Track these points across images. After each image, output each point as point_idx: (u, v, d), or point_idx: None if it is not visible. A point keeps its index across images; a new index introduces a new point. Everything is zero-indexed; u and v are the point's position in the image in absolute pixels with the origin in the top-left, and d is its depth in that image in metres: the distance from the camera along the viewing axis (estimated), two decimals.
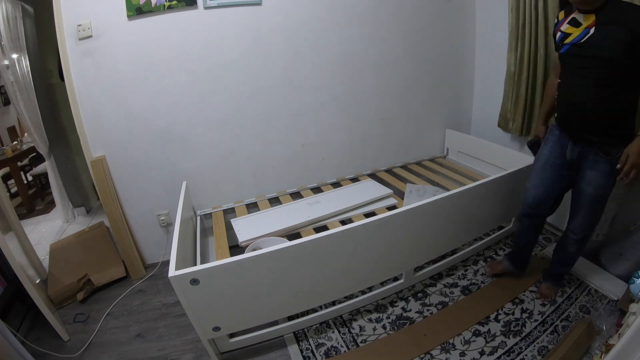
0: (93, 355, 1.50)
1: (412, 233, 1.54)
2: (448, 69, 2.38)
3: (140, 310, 1.76)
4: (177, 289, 1.13)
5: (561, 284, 1.65)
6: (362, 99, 2.18)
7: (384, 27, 2.09)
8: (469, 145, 2.35)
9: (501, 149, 2.11)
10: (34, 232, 2.73)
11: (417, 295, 1.69)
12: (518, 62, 1.99)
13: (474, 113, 2.58)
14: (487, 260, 1.90)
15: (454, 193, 1.58)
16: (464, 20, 2.31)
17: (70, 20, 1.57)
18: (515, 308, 1.56)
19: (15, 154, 3.24)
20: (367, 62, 2.12)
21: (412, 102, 2.34)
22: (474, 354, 1.35)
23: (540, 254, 1.89)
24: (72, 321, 1.71)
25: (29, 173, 3.71)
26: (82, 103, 1.69)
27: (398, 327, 1.51)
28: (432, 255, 1.74)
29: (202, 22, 1.73)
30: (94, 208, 3.11)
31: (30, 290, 1.47)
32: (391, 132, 2.34)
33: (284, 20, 1.87)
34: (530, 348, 1.36)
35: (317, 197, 2.00)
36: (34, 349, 1.45)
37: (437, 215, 1.58)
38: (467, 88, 2.50)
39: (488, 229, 1.95)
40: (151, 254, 2.10)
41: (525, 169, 1.79)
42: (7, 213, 1.83)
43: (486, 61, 2.36)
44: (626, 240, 1.62)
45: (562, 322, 1.47)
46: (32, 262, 1.96)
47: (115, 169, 1.84)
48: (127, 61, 1.68)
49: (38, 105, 2.52)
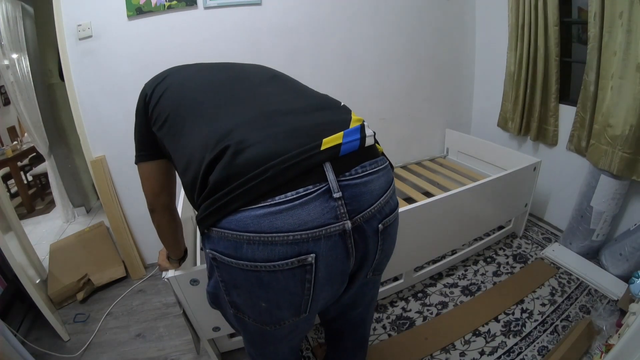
0: (93, 355, 1.50)
1: (412, 233, 1.54)
2: (448, 69, 2.38)
3: (140, 310, 1.76)
4: (177, 290, 1.13)
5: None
6: (362, 99, 2.18)
7: (384, 27, 2.09)
8: (469, 145, 2.35)
9: (501, 149, 2.11)
10: (34, 232, 2.73)
11: (417, 295, 1.69)
12: (518, 61, 1.99)
13: (473, 113, 2.58)
14: (487, 260, 1.90)
15: (454, 193, 1.58)
16: (464, 20, 2.31)
17: (70, 20, 1.57)
18: (515, 308, 1.56)
19: (15, 154, 3.24)
20: (367, 62, 2.12)
21: (412, 102, 2.34)
22: (474, 354, 1.35)
23: (540, 254, 1.90)
24: (72, 321, 1.71)
25: (29, 173, 3.70)
26: (82, 103, 1.69)
27: (398, 327, 1.51)
28: (432, 255, 1.74)
29: (202, 22, 1.73)
30: (94, 208, 3.11)
31: (30, 290, 1.47)
32: (391, 132, 2.34)
33: (284, 20, 1.87)
34: (530, 348, 1.36)
35: None
36: (34, 349, 1.45)
37: (437, 215, 1.58)
38: (467, 88, 2.50)
39: (488, 229, 1.95)
40: (151, 254, 2.10)
41: (525, 169, 1.79)
42: (7, 213, 1.83)
43: (486, 61, 2.36)
44: (626, 240, 1.62)
45: (562, 322, 1.47)
46: (32, 262, 1.96)
47: (115, 169, 1.84)
48: (127, 61, 1.68)
49: (38, 105, 2.51)
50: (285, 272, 0.59)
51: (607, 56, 1.53)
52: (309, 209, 0.56)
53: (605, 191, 1.64)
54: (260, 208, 0.57)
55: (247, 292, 0.63)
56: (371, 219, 0.63)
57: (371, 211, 0.62)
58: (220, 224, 0.59)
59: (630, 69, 1.44)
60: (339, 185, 0.58)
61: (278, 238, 0.56)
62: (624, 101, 1.48)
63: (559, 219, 2.07)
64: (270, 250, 0.57)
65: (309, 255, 0.58)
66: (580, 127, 1.78)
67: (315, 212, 0.57)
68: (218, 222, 0.60)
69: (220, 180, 0.58)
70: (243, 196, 0.57)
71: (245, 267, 0.59)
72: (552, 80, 1.86)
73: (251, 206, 0.57)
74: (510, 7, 1.96)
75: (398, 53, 2.18)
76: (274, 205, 0.56)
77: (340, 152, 0.61)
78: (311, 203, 0.57)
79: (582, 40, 1.84)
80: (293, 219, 0.56)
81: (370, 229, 0.63)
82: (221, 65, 0.88)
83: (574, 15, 1.84)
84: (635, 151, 1.49)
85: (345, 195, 0.58)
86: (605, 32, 1.51)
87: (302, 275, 0.60)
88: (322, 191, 0.57)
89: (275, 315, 0.66)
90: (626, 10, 1.40)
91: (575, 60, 1.89)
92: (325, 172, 0.58)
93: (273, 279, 0.60)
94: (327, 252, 0.59)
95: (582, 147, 1.77)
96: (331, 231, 0.58)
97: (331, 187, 0.58)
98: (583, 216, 1.76)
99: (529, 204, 1.95)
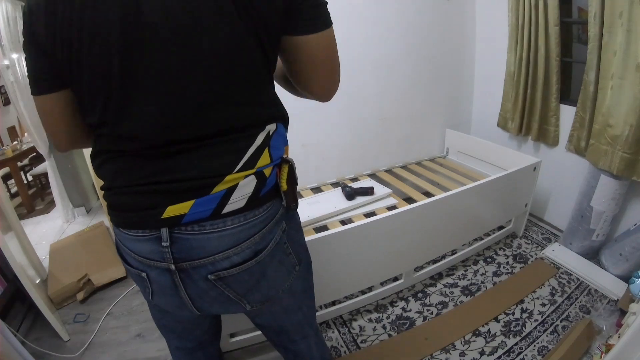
0: (93, 355, 1.50)
1: (412, 233, 1.54)
2: (448, 68, 2.38)
3: (140, 310, 1.76)
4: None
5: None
6: (362, 99, 2.18)
7: (383, 26, 2.09)
8: (469, 145, 2.35)
9: (501, 149, 2.11)
10: (34, 232, 2.73)
11: (417, 295, 1.69)
12: (518, 61, 1.99)
13: (473, 113, 2.58)
14: (487, 260, 1.90)
15: (454, 193, 1.57)
16: (463, 20, 2.30)
17: None
18: (515, 308, 1.56)
19: (15, 154, 3.24)
20: (367, 62, 2.12)
21: (412, 102, 2.34)
22: (474, 354, 1.35)
23: (540, 254, 1.89)
24: (72, 321, 1.71)
25: (29, 173, 3.71)
26: None
27: (398, 327, 1.51)
28: (432, 255, 1.74)
29: None
30: (94, 208, 3.11)
31: (30, 290, 1.47)
32: (391, 132, 2.34)
33: None
34: (530, 348, 1.36)
35: (316, 197, 1.99)
36: (34, 349, 1.45)
37: (437, 215, 1.58)
38: (467, 88, 2.50)
39: (488, 229, 1.95)
40: None
41: (525, 169, 1.79)
42: (7, 213, 1.83)
43: (486, 61, 2.36)
44: (626, 240, 1.62)
45: (562, 322, 1.47)
46: (32, 262, 1.96)
47: None
48: None
49: None
50: (133, 276, 0.70)
51: (607, 56, 1.53)
52: (143, 245, 0.62)
53: (605, 191, 1.64)
54: (121, 231, 0.65)
55: None
56: (200, 267, 0.62)
57: (200, 262, 0.62)
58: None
59: (630, 69, 1.44)
60: (169, 236, 0.60)
61: (128, 253, 0.66)
62: (624, 101, 1.48)
63: (559, 219, 2.07)
64: (128, 257, 0.68)
65: (142, 272, 0.66)
66: (580, 127, 1.78)
67: (146, 249, 0.62)
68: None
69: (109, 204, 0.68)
70: (113, 220, 0.67)
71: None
72: (553, 80, 1.86)
73: (119, 228, 0.66)
74: (510, 7, 1.96)
75: (398, 53, 2.18)
76: (127, 234, 0.64)
77: (183, 221, 0.59)
78: (145, 242, 0.62)
79: (582, 40, 1.84)
80: (134, 246, 0.64)
81: (197, 275, 0.63)
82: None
83: (574, 15, 1.84)
84: (635, 151, 1.49)
85: (174, 244, 0.60)
86: (605, 32, 1.51)
87: (143, 281, 0.68)
88: (154, 237, 0.61)
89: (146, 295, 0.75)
90: (626, 10, 1.39)
91: (576, 60, 1.89)
92: (161, 228, 0.61)
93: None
94: (156, 277, 0.65)
95: (582, 147, 1.77)
96: (158, 265, 0.63)
97: (162, 236, 0.60)
98: (583, 216, 1.76)
99: (529, 204, 1.95)
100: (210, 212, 0.59)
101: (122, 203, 0.63)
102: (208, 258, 0.61)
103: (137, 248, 0.64)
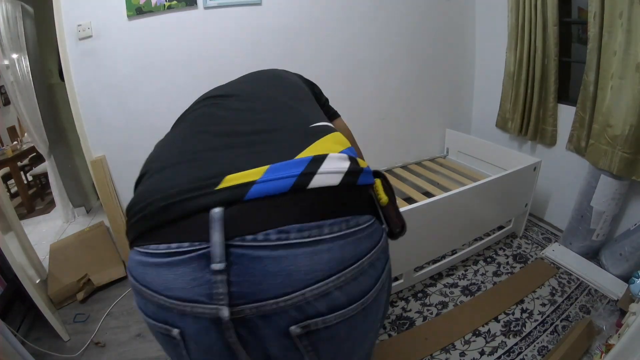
0: (93, 355, 1.50)
1: (412, 233, 1.53)
2: (448, 69, 2.38)
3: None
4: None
5: None
6: (362, 99, 2.18)
7: (384, 26, 2.09)
8: (469, 145, 2.35)
9: (501, 149, 2.11)
10: (34, 232, 2.72)
11: (417, 295, 1.69)
12: (517, 62, 1.99)
13: (473, 113, 2.58)
14: (487, 260, 1.90)
15: (454, 193, 1.57)
16: (463, 20, 2.31)
17: (70, 20, 1.57)
18: (515, 308, 1.56)
19: (15, 154, 3.24)
20: (367, 62, 2.12)
21: (412, 102, 2.34)
22: (474, 354, 1.35)
23: (540, 254, 1.89)
24: (72, 321, 1.71)
25: (29, 173, 3.70)
26: (82, 103, 1.69)
27: (398, 327, 1.51)
28: (432, 255, 1.74)
29: (202, 22, 1.73)
30: (94, 208, 3.11)
31: (30, 290, 1.47)
32: (391, 132, 2.34)
33: (284, 20, 1.86)
34: (530, 348, 1.36)
35: None
36: (34, 349, 1.45)
37: (437, 215, 1.58)
38: (467, 88, 2.50)
39: (488, 229, 1.94)
40: None
41: (525, 169, 1.79)
42: (7, 213, 1.83)
43: (486, 61, 2.37)
44: (626, 240, 1.62)
45: (562, 322, 1.47)
46: (32, 262, 1.96)
47: (115, 169, 1.84)
48: (127, 61, 1.68)
49: (38, 105, 2.51)
50: (157, 334, 0.46)
51: (607, 56, 1.53)
52: (177, 273, 0.40)
53: (605, 191, 1.64)
54: (137, 253, 0.45)
55: None
56: (274, 315, 0.39)
57: (278, 304, 0.39)
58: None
59: (630, 69, 1.44)
60: (225, 252, 0.38)
61: (147, 294, 0.43)
62: (623, 101, 1.48)
63: (559, 219, 2.07)
64: (144, 304, 0.45)
65: (173, 329, 0.42)
66: (580, 127, 1.78)
67: (183, 280, 0.39)
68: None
69: (127, 207, 0.49)
70: (130, 232, 0.47)
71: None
72: (551, 80, 1.86)
73: (134, 247, 0.46)
74: (510, 7, 1.96)
75: (398, 53, 2.18)
76: (146, 255, 0.42)
77: (247, 195, 0.39)
78: (180, 266, 0.39)
79: (582, 40, 1.84)
80: (159, 279, 0.41)
81: (268, 329, 0.40)
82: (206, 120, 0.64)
83: (573, 15, 1.84)
84: (635, 151, 1.49)
85: (233, 269, 0.38)
86: (605, 32, 1.51)
87: (173, 345, 0.44)
88: (197, 255, 0.39)
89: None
90: (626, 10, 1.40)
91: (575, 60, 1.89)
92: (210, 226, 0.38)
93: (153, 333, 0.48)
94: (195, 335, 0.42)
95: (582, 147, 1.77)
96: (198, 312, 0.40)
97: (212, 252, 0.38)
98: (583, 216, 1.76)
99: (529, 204, 1.95)
100: (290, 181, 0.41)
101: (161, 184, 0.45)
102: (291, 296, 0.39)
103: (167, 280, 0.40)
